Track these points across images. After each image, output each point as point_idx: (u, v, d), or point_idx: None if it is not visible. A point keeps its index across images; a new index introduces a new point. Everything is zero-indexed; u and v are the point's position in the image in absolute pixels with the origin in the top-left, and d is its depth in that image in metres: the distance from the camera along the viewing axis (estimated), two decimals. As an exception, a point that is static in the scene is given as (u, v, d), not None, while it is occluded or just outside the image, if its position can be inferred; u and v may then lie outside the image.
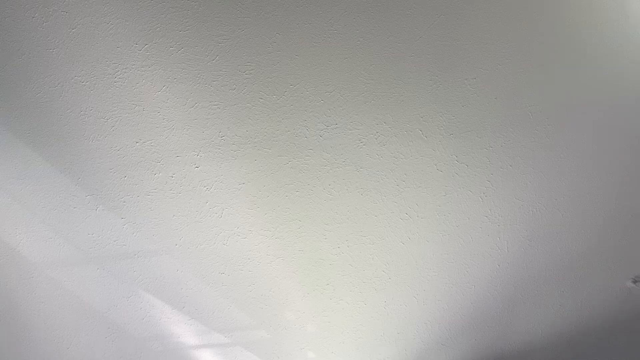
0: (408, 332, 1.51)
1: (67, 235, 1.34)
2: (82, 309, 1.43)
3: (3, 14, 1.11)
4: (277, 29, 1.17)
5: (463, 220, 1.40)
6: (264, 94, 1.22)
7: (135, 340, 1.49)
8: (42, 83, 1.18)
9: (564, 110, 1.32)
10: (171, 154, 1.26)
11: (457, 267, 1.45)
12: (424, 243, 1.41)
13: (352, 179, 1.32)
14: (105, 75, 1.18)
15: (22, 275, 1.38)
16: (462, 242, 1.42)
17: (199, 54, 1.17)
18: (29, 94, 1.18)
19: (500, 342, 1.58)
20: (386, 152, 1.31)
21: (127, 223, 1.33)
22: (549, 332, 1.58)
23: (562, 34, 1.25)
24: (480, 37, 1.23)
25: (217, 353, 1.51)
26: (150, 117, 1.22)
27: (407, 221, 1.38)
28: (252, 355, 1.48)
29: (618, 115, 1.34)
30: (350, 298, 1.43)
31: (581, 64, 1.28)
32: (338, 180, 1.32)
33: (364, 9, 1.17)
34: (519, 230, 1.43)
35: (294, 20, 1.16)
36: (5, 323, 1.44)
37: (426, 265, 1.44)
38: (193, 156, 1.27)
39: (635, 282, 1.51)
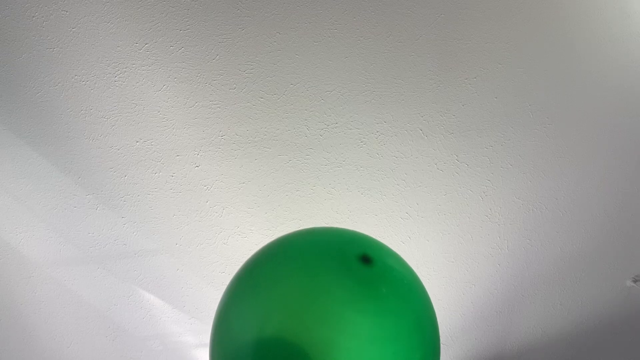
0: (408, 332, 1.51)
1: (68, 234, 1.34)
2: (83, 308, 1.43)
3: (3, 13, 1.11)
4: (278, 28, 1.17)
5: (463, 220, 1.40)
6: (265, 93, 1.22)
7: (136, 339, 1.49)
8: (42, 82, 1.18)
9: (564, 109, 1.32)
10: (171, 153, 1.26)
11: (457, 266, 1.45)
12: (424, 242, 1.41)
13: (352, 179, 1.32)
14: (106, 74, 1.18)
15: (22, 274, 1.38)
16: (462, 242, 1.42)
17: (199, 53, 1.17)
18: (29, 93, 1.18)
19: (500, 341, 1.58)
20: (386, 152, 1.31)
21: (127, 222, 1.33)
22: (549, 331, 1.58)
23: (563, 33, 1.25)
24: (481, 37, 1.23)
25: (218, 352, 1.50)
26: (151, 116, 1.22)
27: (407, 220, 1.38)
28: (253, 355, 1.48)
29: (618, 114, 1.34)
30: (350, 297, 1.43)
31: (582, 63, 1.28)
32: (338, 180, 1.32)
33: (364, 8, 1.17)
34: (519, 229, 1.43)
35: (295, 20, 1.16)
36: (5, 322, 1.44)
37: (426, 264, 1.44)
38: (193, 155, 1.27)
39: (635, 281, 1.51)
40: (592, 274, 1.51)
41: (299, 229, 0.72)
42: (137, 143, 1.25)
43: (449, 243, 1.42)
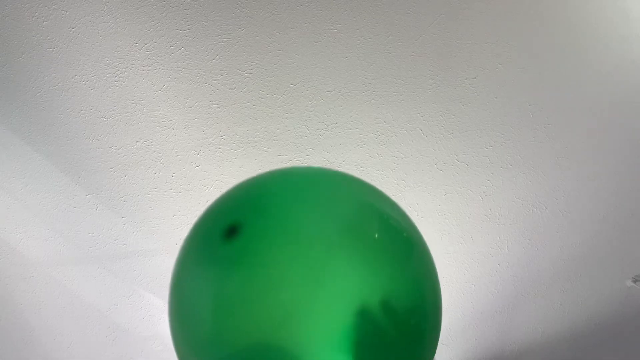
0: (408, 332, 1.51)
1: (68, 234, 1.34)
2: (83, 308, 1.43)
3: (3, 13, 1.11)
4: (278, 28, 1.17)
5: (463, 220, 1.40)
6: (264, 93, 1.22)
7: (136, 339, 1.49)
8: (42, 82, 1.18)
9: (564, 109, 1.32)
10: (171, 153, 1.26)
11: (457, 266, 1.45)
12: (424, 242, 1.41)
13: (352, 179, 1.32)
14: (106, 74, 1.18)
15: (22, 274, 1.38)
16: (462, 242, 1.42)
17: (199, 53, 1.17)
18: (29, 93, 1.18)
19: (500, 341, 1.58)
20: (386, 152, 1.31)
21: (127, 222, 1.33)
22: (549, 331, 1.58)
23: (562, 33, 1.25)
24: (481, 37, 1.23)
25: (218, 352, 1.50)
26: (151, 116, 1.22)
27: (407, 220, 1.38)
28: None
29: (618, 114, 1.34)
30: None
31: (581, 63, 1.28)
32: (338, 180, 1.32)
33: (364, 8, 1.17)
34: (519, 229, 1.43)
35: (295, 20, 1.16)
36: (5, 322, 1.44)
37: (426, 264, 1.44)
38: (193, 155, 1.27)
39: (635, 281, 1.51)
40: (592, 274, 1.51)
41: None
42: (137, 143, 1.25)
43: (448, 243, 1.42)
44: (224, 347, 0.41)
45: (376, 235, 0.48)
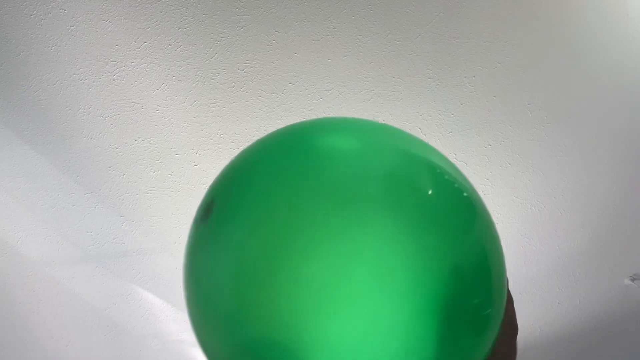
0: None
1: (66, 233, 1.34)
2: (81, 307, 1.43)
3: (1, 11, 1.10)
4: (276, 26, 1.17)
5: (462, 219, 1.40)
6: (263, 92, 1.22)
7: (134, 338, 1.49)
8: (41, 81, 1.17)
9: (563, 108, 1.32)
10: (170, 151, 1.26)
11: (455, 265, 1.45)
12: (423, 241, 1.41)
13: (351, 177, 1.32)
14: (104, 73, 1.17)
15: (20, 273, 1.38)
16: (461, 241, 1.42)
17: (198, 51, 1.17)
18: (28, 91, 1.18)
19: (498, 340, 1.58)
20: (385, 150, 1.30)
21: (125, 221, 1.33)
22: (547, 330, 1.59)
23: (562, 32, 1.25)
24: (480, 36, 1.22)
25: (216, 351, 1.51)
26: (149, 115, 1.22)
27: (406, 219, 1.38)
28: (251, 353, 1.48)
29: (618, 114, 1.34)
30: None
31: (581, 62, 1.28)
32: (337, 179, 1.32)
33: (363, 7, 1.17)
34: (518, 228, 1.43)
35: (293, 18, 1.16)
36: (3, 322, 1.44)
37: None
38: (192, 154, 1.27)
39: (633, 280, 1.52)
40: (590, 272, 1.52)
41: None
42: (136, 142, 1.25)
43: (447, 242, 1.42)
44: (245, 325, 0.34)
45: (430, 192, 0.39)
